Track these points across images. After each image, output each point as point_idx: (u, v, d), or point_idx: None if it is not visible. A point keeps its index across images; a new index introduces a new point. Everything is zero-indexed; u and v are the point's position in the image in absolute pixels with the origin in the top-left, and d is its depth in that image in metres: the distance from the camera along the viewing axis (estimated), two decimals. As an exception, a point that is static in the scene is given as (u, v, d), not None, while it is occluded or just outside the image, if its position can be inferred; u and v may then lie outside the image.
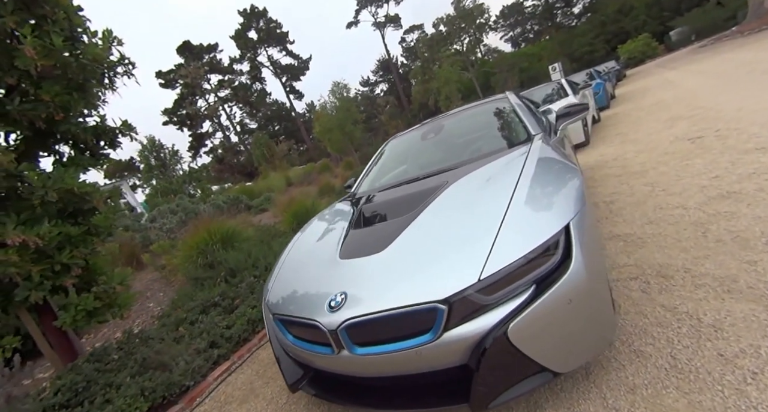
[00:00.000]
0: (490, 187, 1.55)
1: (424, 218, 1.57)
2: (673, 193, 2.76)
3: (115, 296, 3.00)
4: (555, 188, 1.44)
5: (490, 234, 1.26)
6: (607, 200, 3.13)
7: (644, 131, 5.45)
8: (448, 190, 1.73)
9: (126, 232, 7.53)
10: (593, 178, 4.00)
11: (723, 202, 2.32)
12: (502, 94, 2.78)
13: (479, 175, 1.73)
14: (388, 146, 3.14)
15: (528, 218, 1.30)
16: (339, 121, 16.42)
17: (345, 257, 1.60)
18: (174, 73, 41.26)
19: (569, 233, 1.24)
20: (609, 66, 17.60)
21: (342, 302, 1.33)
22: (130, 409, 1.98)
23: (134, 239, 7.19)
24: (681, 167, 3.26)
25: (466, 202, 1.53)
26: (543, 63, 31.34)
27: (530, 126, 2.21)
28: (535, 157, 1.66)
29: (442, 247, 1.34)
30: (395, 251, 1.45)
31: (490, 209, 1.39)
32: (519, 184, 1.45)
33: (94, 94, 3.10)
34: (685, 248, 1.97)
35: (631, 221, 2.56)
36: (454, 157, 2.35)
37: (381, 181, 2.65)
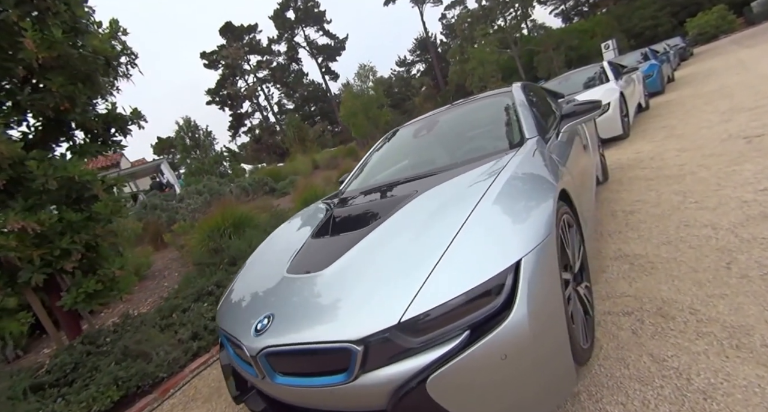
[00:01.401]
0: (450, 206, 1.34)
1: (375, 235, 1.41)
2: (705, 208, 2.35)
3: (116, 280, 3.13)
4: (517, 213, 1.21)
5: (427, 267, 1.08)
6: (627, 210, 2.76)
7: (694, 124, 4.78)
8: (411, 203, 1.54)
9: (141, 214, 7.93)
10: (620, 180, 3.56)
11: (764, 225, 1.93)
12: (507, 88, 2.46)
13: (447, 188, 1.52)
14: (385, 141, 2.94)
15: (475, 250, 1.10)
16: (363, 106, 16.10)
17: (292, 271, 1.49)
18: (216, 54, 42.48)
19: (519, 272, 1.03)
20: (672, 43, 15.74)
21: (267, 326, 1.23)
22: (102, 397, 2.06)
23: (160, 217, 7.58)
24: (725, 174, 2.79)
25: (421, 221, 1.34)
26: (596, 40, 28.60)
27: (526, 128, 1.93)
28: (510, 170, 1.42)
29: (376, 275, 1.18)
30: (334, 272, 1.31)
31: (439, 233, 1.19)
32: (479, 204, 1.23)
33: (100, 85, 3.16)
34: (700, 282, 1.66)
35: (646, 239, 2.22)
36: (437, 160, 2.13)
37: (366, 181, 2.49)
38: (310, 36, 45.88)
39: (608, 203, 3.04)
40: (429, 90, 44.24)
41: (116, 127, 3.51)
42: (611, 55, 20.53)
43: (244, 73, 44.26)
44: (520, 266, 1.03)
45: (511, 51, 33.00)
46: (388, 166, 2.51)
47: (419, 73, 50.23)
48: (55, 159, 2.90)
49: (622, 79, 6.16)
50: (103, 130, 3.42)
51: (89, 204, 3.09)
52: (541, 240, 1.11)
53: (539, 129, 1.93)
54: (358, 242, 1.41)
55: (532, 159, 1.53)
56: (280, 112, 46.67)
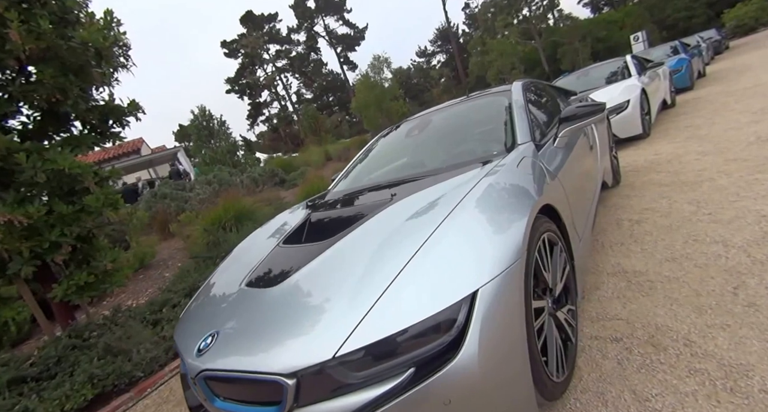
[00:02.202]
0: (414, 222, 1.22)
1: (337, 248, 1.31)
2: (719, 221, 2.14)
3: (108, 273, 3.15)
4: (483, 235, 1.07)
5: (374, 293, 0.97)
6: (634, 219, 2.55)
7: (721, 125, 4.43)
8: (382, 212, 1.43)
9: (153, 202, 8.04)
10: (632, 185, 3.33)
11: (782, 244, 1.72)
12: (506, 87, 2.28)
13: (418, 200, 1.39)
14: (379, 139, 2.82)
15: (429, 277, 0.98)
16: (376, 97, 15.86)
17: (250, 283, 1.41)
18: (236, 43, 42.75)
19: (474, 305, 0.91)
20: (706, 36, 14.79)
21: (209, 345, 1.16)
22: (76, 395, 2.06)
23: (170, 206, 7.69)
24: (746, 183, 2.54)
25: (384, 236, 1.22)
26: (625, 32, 27.25)
27: (519, 132, 1.77)
28: (487, 182, 1.28)
29: (322, 297, 1.08)
30: (285, 289, 1.22)
31: (395, 254, 1.08)
32: (444, 223, 1.11)
33: (93, 76, 3.13)
34: (701, 308, 1.49)
35: (649, 253, 2.03)
36: (423, 164, 2.00)
37: (351, 182, 2.38)
38: (329, 25, 45.58)
39: (615, 210, 2.84)
40: (448, 81, 43.37)
41: (113, 119, 3.50)
42: (641, 47, 19.55)
43: (263, 63, 44.44)
44: (476, 298, 0.91)
45: (536, 42, 31.86)
46: (377, 167, 2.39)
47: (439, 64, 49.25)
48: (47, 151, 2.91)
49: (646, 74, 5.79)
50: (99, 121, 3.42)
51: (81, 197, 3.10)
52: (505, 268, 0.98)
53: (533, 134, 1.77)
54: (318, 255, 1.31)
55: (515, 170, 1.38)
56: (298, 102, 46.79)
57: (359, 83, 17.15)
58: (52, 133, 3.36)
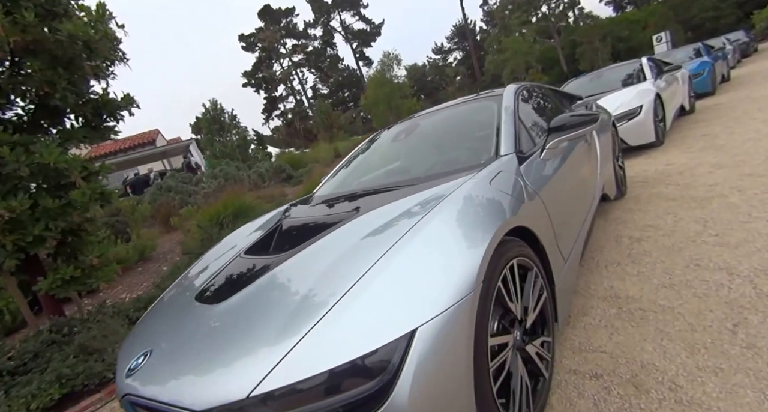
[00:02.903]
0: (369, 242, 1.11)
1: (286, 266, 1.22)
2: (726, 244, 1.97)
3: (94, 267, 3.13)
4: (433, 264, 0.96)
5: (304, 326, 0.87)
6: (635, 236, 2.39)
7: (740, 134, 4.19)
8: (342, 228, 1.33)
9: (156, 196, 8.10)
10: (637, 197, 3.15)
11: (793, 276, 1.56)
12: (499, 91, 2.14)
13: (381, 216, 1.29)
14: (369, 143, 2.70)
15: (366, 310, 0.87)
16: (386, 95, 15.66)
17: (199, 297, 1.33)
18: (254, 37, 43.00)
19: (410, 346, 0.81)
20: (733, 38, 14.17)
21: (140, 365, 1.09)
22: (42, 394, 2.03)
23: (174, 200, 7.74)
24: (760, 201, 2.35)
25: (334, 257, 1.12)
26: (648, 32, 26.33)
27: (503, 141, 1.64)
28: (452, 200, 1.16)
29: (255, 324, 0.99)
30: (228, 308, 1.14)
31: (339, 279, 0.98)
32: (394, 247, 1.00)
33: (85, 69, 3.10)
34: (694, 346, 1.34)
35: (646, 277, 1.88)
36: (403, 172, 1.90)
37: (335, 186, 2.28)
38: (345, 20, 45.43)
39: (616, 225, 2.67)
40: (464, 79, 42.81)
41: (107, 113, 3.48)
42: (663, 48, 18.88)
43: (279, 57, 44.61)
44: (414, 338, 0.81)
45: (554, 41, 31.09)
46: (359, 173, 2.29)
47: (455, 61, 48.62)
48: (34, 144, 2.89)
49: (662, 78, 5.52)
50: (93, 115, 3.39)
51: (69, 191, 3.08)
52: (453, 303, 0.87)
53: (518, 144, 1.64)
54: (268, 270, 1.23)
55: (486, 188, 1.25)
56: (314, 97, 46.83)
57: (370, 80, 16.99)
58: (48, 126, 3.36)
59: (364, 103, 16.61)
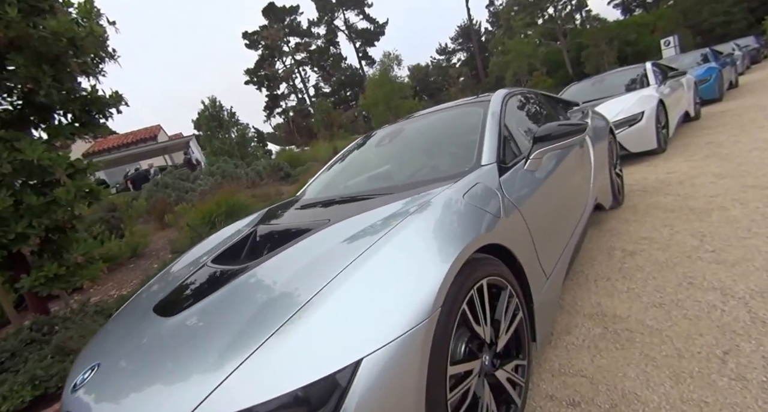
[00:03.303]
0: (326, 258, 1.04)
1: (244, 279, 1.15)
2: (723, 261, 1.87)
3: (79, 266, 3.08)
4: (391, 284, 0.88)
5: (245, 351, 0.80)
6: (628, 249, 2.29)
7: (745, 143, 4.07)
8: (306, 240, 1.25)
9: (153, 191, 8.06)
10: (635, 207, 3.05)
11: (791, 299, 1.46)
12: (487, 96, 2.05)
13: (346, 229, 1.21)
14: (355, 146, 2.62)
15: (310, 336, 0.80)
16: (385, 95, 15.54)
17: (157, 307, 1.27)
18: (257, 35, 43.07)
19: (354, 379, 0.73)
20: (743, 44, 13.95)
21: (85, 381, 1.03)
22: (14, 396, 1.98)
23: (170, 196, 7.70)
24: (762, 216, 2.25)
25: (290, 274, 1.05)
26: (657, 36, 26.02)
27: (485, 150, 1.56)
28: (420, 215, 1.08)
29: (201, 345, 0.91)
30: (179, 323, 1.07)
31: (288, 299, 0.91)
32: (351, 265, 0.93)
33: (72, 66, 3.05)
34: (680, 375, 1.25)
35: (636, 295, 1.79)
36: (381, 179, 1.82)
37: (318, 190, 2.20)
38: (349, 19, 45.40)
39: (610, 236, 2.57)
40: (467, 81, 42.62)
41: (95, 110, 3.43)
42: (672, 52, 18.66)
43: (282, 55, 44.64)
44: (358, 369, 0.73)
45: (561, 43, 30.83)
46: (343, 178, 2.21)
47: (459, 62, 48.43)
48: (19, 141, 2.84)
49: (667, 83, 5.40)
50: (81, 112, 3.34)
51: (54, 188, 3.03)
52: (405, 331, 0.79)
53: (501, 153, 1.55)
54: (227, 283, 1.16)
55: (458, 201, 1.17)
56: (316, 96, 46.84)
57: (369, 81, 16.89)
58: (38, 122, 3.32)
59: (362, 103, 16.52)
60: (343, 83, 48.40)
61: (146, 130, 22.07)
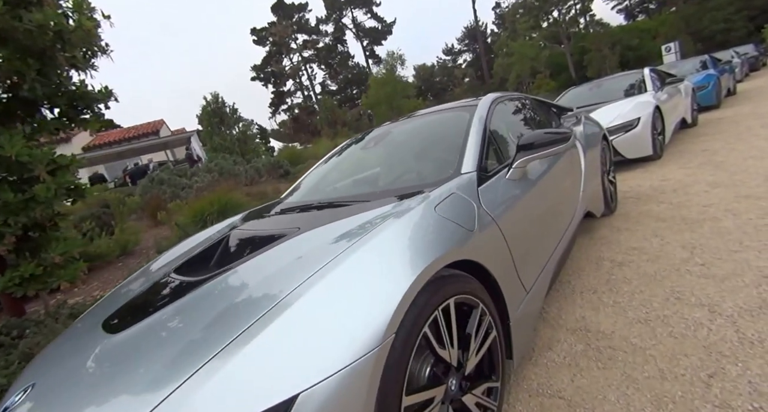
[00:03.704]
0: (278, 278, 0.98)
1: (194, 296, 1.08)
2: (712, 276, 1.81)
3: (57, 265, 3.01)
4: (341, 307, 0.82)
5: (172, 382, 0.73)
6: (617, 260, 2.24)
7: (741, 151, 4.02)
8: (268, 252, 1.19)
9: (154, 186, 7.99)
10: (627, 215, 2.99)
11: (780, 319, 1.40)
12: (474, 100, 1.99)
13: (311, 240, 1.15)
14: (343, 148, 2.56)
15: (244, 367, 0.73)
16: (387, 95, 15.46)
17: (106, 323, 1.19)
18: (266, 31, 42.97)
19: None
20: (742, 51, 13.93)
21: (15, 405, 0.96)
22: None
23: (165, 193, 7.62)
24: (754, 228, 2.19)
25: (240, 291, 0.99)
26: (658, 42, 26.04)
27: (466, 158, 1.50)
28: (386, 228, 1.02)
29: (130, 373, 0.85)
30: (124, 340, 1.00)
31: (229, 322, 0.84)
32: (305, 284, 0.86)
33: (59, 60, 2.98)
34: (661, 400, 1.19)
35: (622, 309, 1.73)
36: (361, 184, 1.76)
37: (301, 194, 2.14)
38: (357, 18, 45.30)
39: (600, 246, 2.52)
40: (472, 82, 42.60)
41: (83, 105, 3.36)
42: (672, 58, 18.71)
43: (290, 52, 44.48)
44: (293, 406, 0.66)
45: (564, 47, 30.85)
46: (326, 180, 2.15)
47: (465, 63, 48.38)
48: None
49: (664, 89, 5.35)
50: (68, 107, 3.28)
51: (33, 185, 2.95)
52: (350, 362, 0.72)
53: (482, 161, 1.49)
54: (177, 299, 1.09)
55: (430, 214, 1.10)
56: (322, 93, 46.61)
57: (372, 80, 16.82)
58: (25, 116, 3.25)
59: (364, 103, 16.42)
60: (349, 81, 48.22)
61: (149, 124, 21.97)
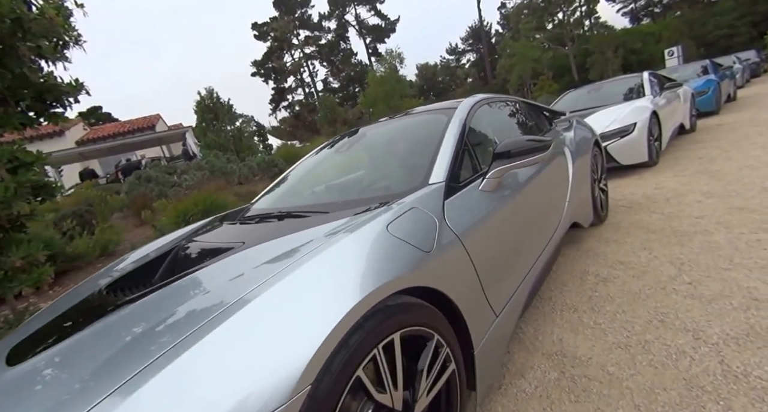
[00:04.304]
0: (189, 310, 0.86)
1: (101, 326, 0.96)
2: (699, 297, 1.70)
3: (17, 270, 2.88)
4: (244, 353, 0.69)
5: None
6: (602, 275, 2.12)
7: (737, 160, 3.91)
8: (202, 271, 1.08)
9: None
10: (617, 225, 2.88)
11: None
12: (454, 103, 1.87)
13: (244, 262, 1.04)
14: (317, 151, 2.44)
15: (166, 389, 0.62)
16: (385, 94, 15.28)
17: (10, 354, 1.06)
18: (267, 26, 42.67)
19: None
20: (744, 57, 13.83)
21: None
22: None
23: (153, 191, 7.49)
24: (746, 244, 2.08)
25: (155, 322, 0.87)
26: (662, 46, 25.92)
27: (436, 167, 1.38)
28: (329, 248, 0.91)
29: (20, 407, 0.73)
30: (18, 375, 0.88)
31: (125, 365, 0.72)
32: (213, 320, 0.75)
33: (21, 51, 2.85)
34: (635, 440, 1.08)
35: (602, 332, 1.62)
36: (325, 194, 1.64)
37: (269, 200, 2.02)
38: (360, 15, 44.94)
39: (586, 258, 2.41)
40: (475, 82, 42.42)
41: (51, 99, 3.23)
42: (675, 62, 18.62)
43: (291, 48, 44.17)
44: None
45: (568, 49, 30.73)
46: (297, 187, 2.03)
47: (469, 63, 48.16)
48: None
49: (663, 94, 5.24)
50: (34, 100, 3.15)
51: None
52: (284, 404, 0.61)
53: (453, 171, 1.37)
54: (93, 323, 0.98)
55: (381, 233, 0.98)
56: (324, 91, 46.30)
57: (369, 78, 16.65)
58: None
59: (362, 101, 16.22)
60: (352, 79, 47.91)
61: (144, 119, 21.79)
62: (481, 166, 1.56)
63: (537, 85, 26.51)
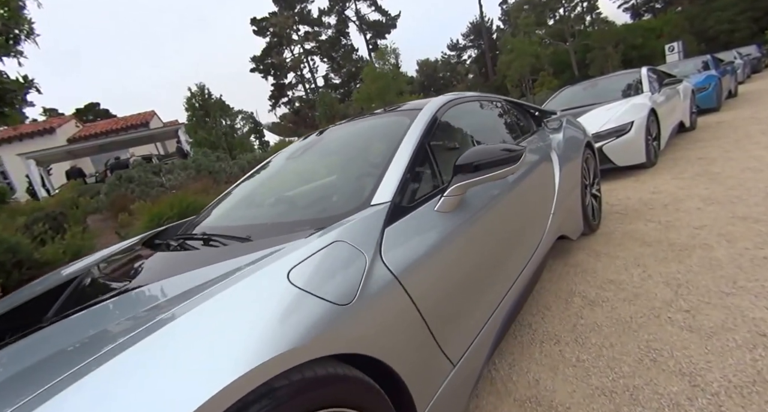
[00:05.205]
0: (83, 348, 0.65)
1: (32, 342, 0.75)
2: (697, 329, 1.48)
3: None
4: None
5: None
6: (590, 297, 1.90)
7: (739, 161, 3.68)
8: (68, 321, 0.85)
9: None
10: (610, 235, 2.65)
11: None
12: (420, 103, 1.63)
13: (124, 308, 0.81)
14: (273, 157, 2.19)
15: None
16: (380, 91, 14.92)
17: None
18: (266, 21, 42.11)
19: None
20: (745, 52, 13.55)
21: None
22: None
23: (134, 192, 7.24)
24: (750, 261, 1.85)
25: (17, 371, 0.65)
26: (662, 41, 25.58)
27: (385, 183, 1.14)
28: (225, 295, 0.68)
29: None
30: None
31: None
32: (112, 361, 0.53)
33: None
34: None
35: (584, 372, 1.39)
36: (260, 212, 1.41)
37: (213, 215, 1.77)
38: (361, 10, 44.32)
39: (573, 275, 2.18)
40: (476, 78, 41.98)
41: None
42: (675, 58, 18.39)
43: (291, 43, 43.60)
44: None
45: (569, 44, 30.36)
46: (241, 199, 1.78)
47: (470, 59, 47.70)
48: None
49: (662, 91, 4.99)
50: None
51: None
52: None
53: (403, 187, 1.14)
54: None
55: (280, 283, 0.74)
56: (325, 87, 45.79)
57: (364, 74, 16.31)
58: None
59: (356, 98, 15.85)
60: (352, 75, 47.33)
61: (138, 115, 21.49)
62: (443, 180, 1.33)
63: (537, 81, 26.20)
